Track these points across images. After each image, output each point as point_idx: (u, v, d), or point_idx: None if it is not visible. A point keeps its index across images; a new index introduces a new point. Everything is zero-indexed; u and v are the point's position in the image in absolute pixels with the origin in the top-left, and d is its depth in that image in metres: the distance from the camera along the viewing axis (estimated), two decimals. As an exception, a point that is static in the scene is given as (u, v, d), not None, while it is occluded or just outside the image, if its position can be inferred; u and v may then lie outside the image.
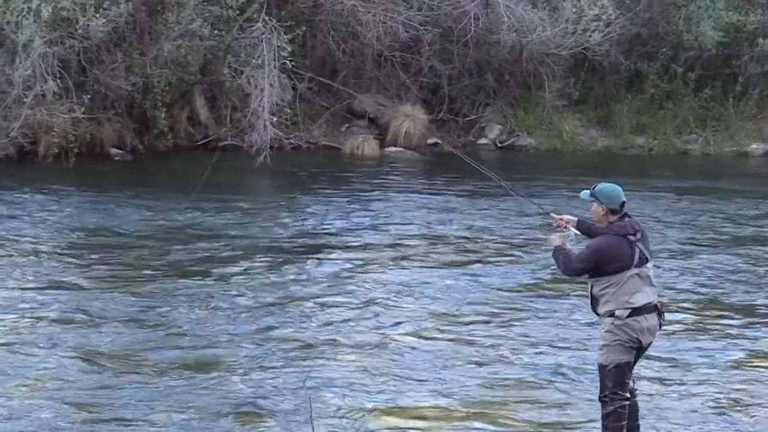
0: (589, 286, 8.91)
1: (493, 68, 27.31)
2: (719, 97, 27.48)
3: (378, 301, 13.44)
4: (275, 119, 23.92)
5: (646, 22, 27.72)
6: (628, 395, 8.84)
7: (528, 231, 17.32)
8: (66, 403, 10.08)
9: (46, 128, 22.66)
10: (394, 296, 13.67)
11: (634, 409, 8.98)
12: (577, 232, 9.31)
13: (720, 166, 25.61)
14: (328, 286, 14.12)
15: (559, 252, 9.04)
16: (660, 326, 8.90)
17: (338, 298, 13.54)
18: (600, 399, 8.89)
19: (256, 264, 15.22)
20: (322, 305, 13.23)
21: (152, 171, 22.76)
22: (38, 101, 22.55)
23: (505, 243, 16.78)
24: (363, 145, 25.78)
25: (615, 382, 8.79)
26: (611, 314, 8.75)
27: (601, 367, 8.84)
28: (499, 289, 14.15)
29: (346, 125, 26.98)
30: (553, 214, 9.61)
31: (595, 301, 8.87)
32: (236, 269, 14.91)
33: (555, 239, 9.20)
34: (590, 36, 26.37)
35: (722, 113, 27.40)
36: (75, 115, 22.76)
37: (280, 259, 15.51)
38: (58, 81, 22.57)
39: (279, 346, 11.72)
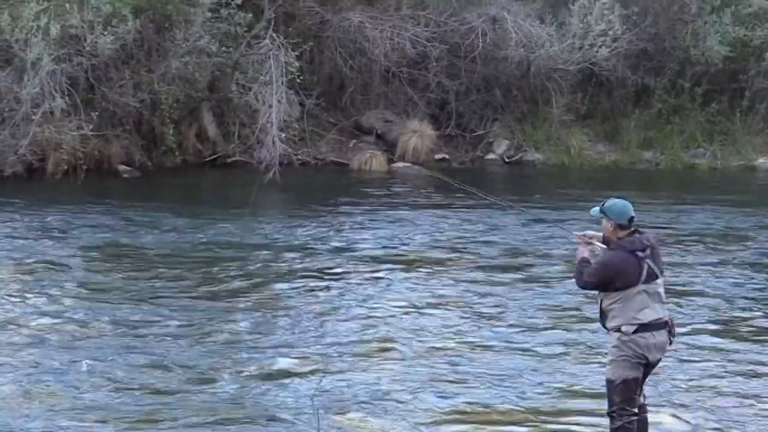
0: (599, 300, 8.93)
1: (500, 84, 27.37)
2: (726, 112, 27.53)
3: (424, 311, 13.61)
4: (283, 135, 23.98)
5: (652, 37, 27.77)
6: (636, 410, 8.84)
7: (547, 243, 17.37)
8: (130, 410, 10.22)
9: (54, 145, 22.74)
10: (441, 307, 13.80)
11: (642, 425, 8.97)
12: (604, 246, 9.33)
13: (728, 180, 25.60)
14: (361, 299, 14.23)
15: (581, 264, 9.06)
16: (670, 343, 8.90)
17: (378, 310, 13.67)
18: (608, 414, 8.90)
19: (284, 279, 15.32)
20: (364, 316, 13.41)
21: (161, 187, 22.78)
22: (46, 118, 22.66)
23: (524, 256, 16.83)
24: (371, 161, 25.81)
25: (623, 397, 8.78)
26: (618, 329, 8.76)
27: (609, 382, 8.84)
28: (541, 302, 14.15)
29: (354, 141, 27.03)
30: (576, 233, 9.59)
31: (603, 316, 8.88)
32: (265, 284, 15.02)
33: (584, 251, 9.19)
34: (597, 51, 26.42)
35: (729, 128, 27.44)
36: (83, 132, 22.87)
37: (313, 274, 15.58)
38: (67, 98, 22.67)
39: (335, 354, 11.91)
